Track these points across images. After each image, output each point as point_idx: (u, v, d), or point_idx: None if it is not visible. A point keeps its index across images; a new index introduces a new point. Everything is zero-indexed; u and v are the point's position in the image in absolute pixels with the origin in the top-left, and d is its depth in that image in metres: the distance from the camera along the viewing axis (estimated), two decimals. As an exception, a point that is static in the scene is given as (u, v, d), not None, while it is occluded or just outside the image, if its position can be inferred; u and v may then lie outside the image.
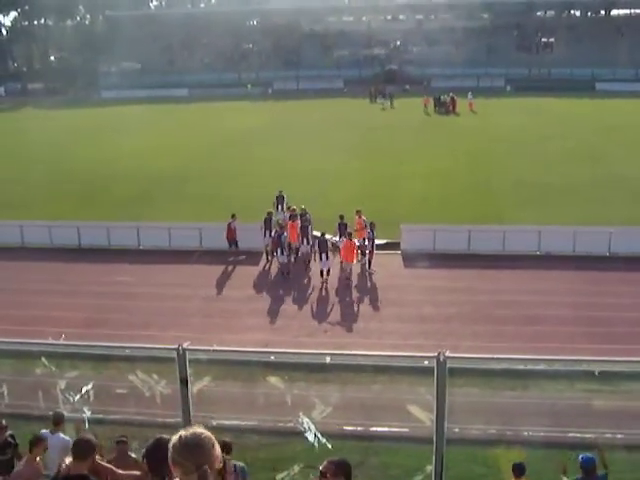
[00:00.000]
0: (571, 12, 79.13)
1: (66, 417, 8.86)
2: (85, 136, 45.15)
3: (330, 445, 8.24)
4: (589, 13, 78.57)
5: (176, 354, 5.30)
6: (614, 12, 78.03)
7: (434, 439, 5.20)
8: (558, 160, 32.76)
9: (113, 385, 12.16)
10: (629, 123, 42.02)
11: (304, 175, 30.76)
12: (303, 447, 9.62)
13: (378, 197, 26.68)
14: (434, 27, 76.51)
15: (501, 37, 73.41)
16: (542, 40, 75.06)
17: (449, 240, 21.18)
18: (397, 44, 79.26)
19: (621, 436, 10.82)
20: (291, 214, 21.24)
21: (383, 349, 13.62)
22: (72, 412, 9.43)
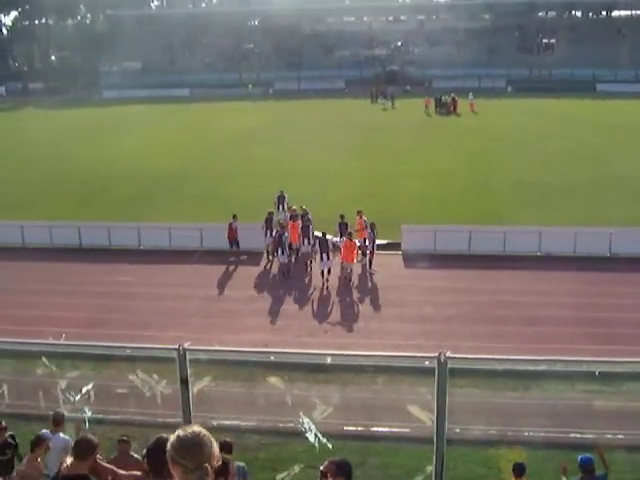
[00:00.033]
0: (572, 13, 79.16)
1: (66, 417, 8.85)
2: (86, 136, 45.09)
3: (331, 445, 8.25)
4: (590, 14, 78.54)
5: (176, 354, 5.31)
6: (615, 13, 78.04)
7: (435, 439, 5.21)
8: (559, 160, 32.73)
9: (113, 385, 12.18)
10: (630, 124, 41.97)
11: (304, 175, 30.74)
12: (303, 447, 9.64)
13: (378, 197, 26.67)
14: (435, 28, 76.58)
15: (502, 38, 73.36)
16: (543, 41, 74.93)
17: (450, 241, 21.19)
18: (398, 45, 79.23)
19: (622, 437, 10.82)
20: (292, 214, 21.25)
21: (384, 349, 13.61)
22: (72, 412, 9.44)
